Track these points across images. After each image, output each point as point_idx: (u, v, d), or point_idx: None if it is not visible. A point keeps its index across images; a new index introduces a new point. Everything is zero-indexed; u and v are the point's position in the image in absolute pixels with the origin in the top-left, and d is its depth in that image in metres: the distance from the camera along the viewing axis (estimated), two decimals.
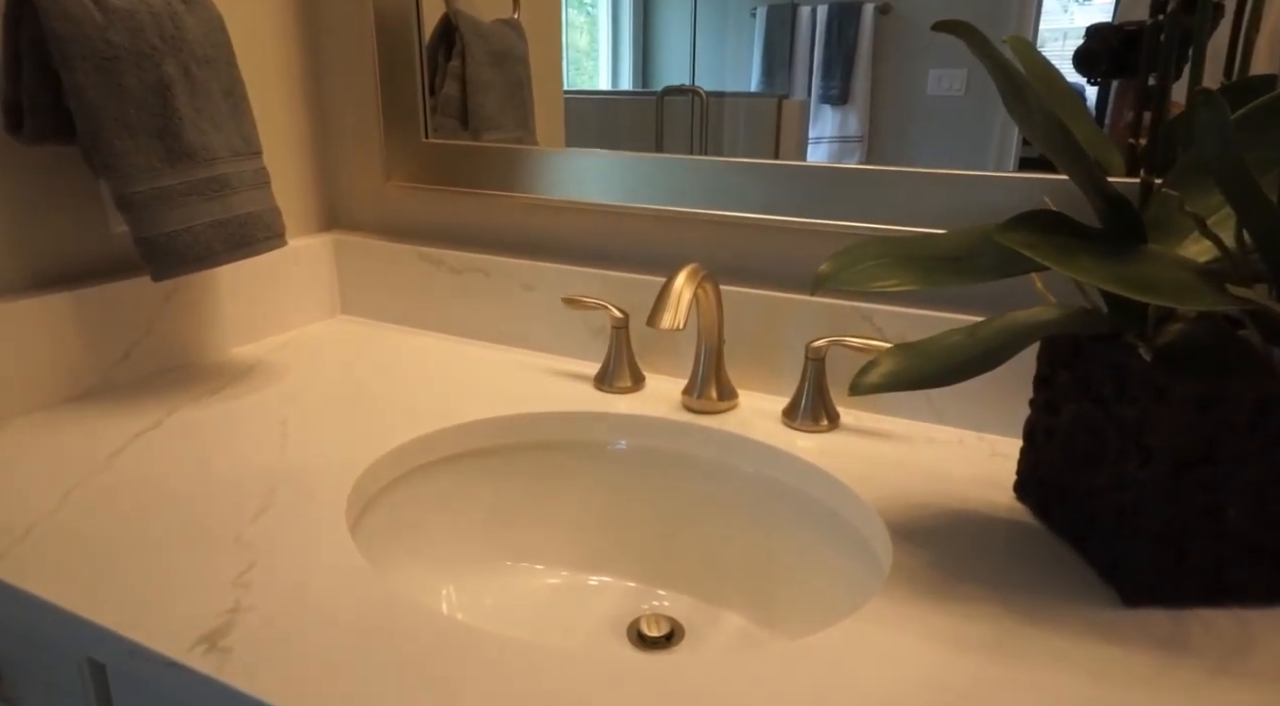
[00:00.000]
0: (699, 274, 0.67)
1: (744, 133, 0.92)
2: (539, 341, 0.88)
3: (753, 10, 0.89)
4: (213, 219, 0.72)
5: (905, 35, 0.80)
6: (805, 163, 0.75)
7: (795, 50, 0.88)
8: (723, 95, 0.97)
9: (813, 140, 0.90)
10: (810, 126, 0.89)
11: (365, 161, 0.96)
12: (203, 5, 0.73)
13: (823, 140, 0.90)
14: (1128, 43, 0.64)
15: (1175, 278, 0.44)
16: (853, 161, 0.88)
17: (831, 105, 0.88)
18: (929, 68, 0.79)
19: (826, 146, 0.90)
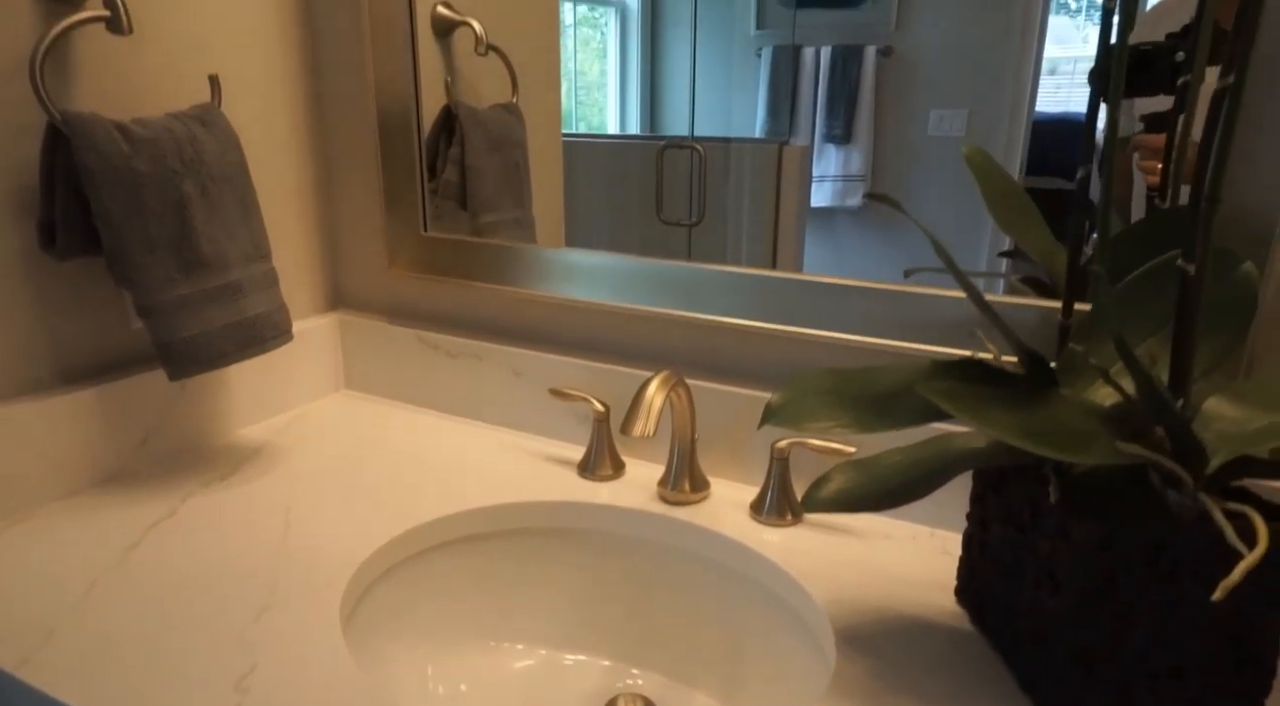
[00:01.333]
0: (671, 381, 0.72)
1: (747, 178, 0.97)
2: (527, 424, 0.94)
3: (758, 50, 0.94)
4: (225, 322, 0.78)
5: (907, 77, 0.84)
6: (778, 274, 0.80)
7: (799, 90, 0.92)
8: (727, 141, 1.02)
9: (817, 179, 0.95)
10: (814, 165, 0.94)
11: (369, 249, 1.03)
12: (220, 126, 0.79)
13: (826, 179, 0.94)
14: (1141, 62, 0.65)
15: (1078, 428, 0.49)
16: (855, 201, 0.92)
17: (835, 145, 0.92)
18: (930, 108, 0.83)
19: (830, 185, 0.94)
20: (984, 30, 0.78)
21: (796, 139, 0.94)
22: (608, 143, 1.07)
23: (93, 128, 0.70)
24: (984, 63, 0.78)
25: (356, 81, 0.98)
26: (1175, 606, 0.48)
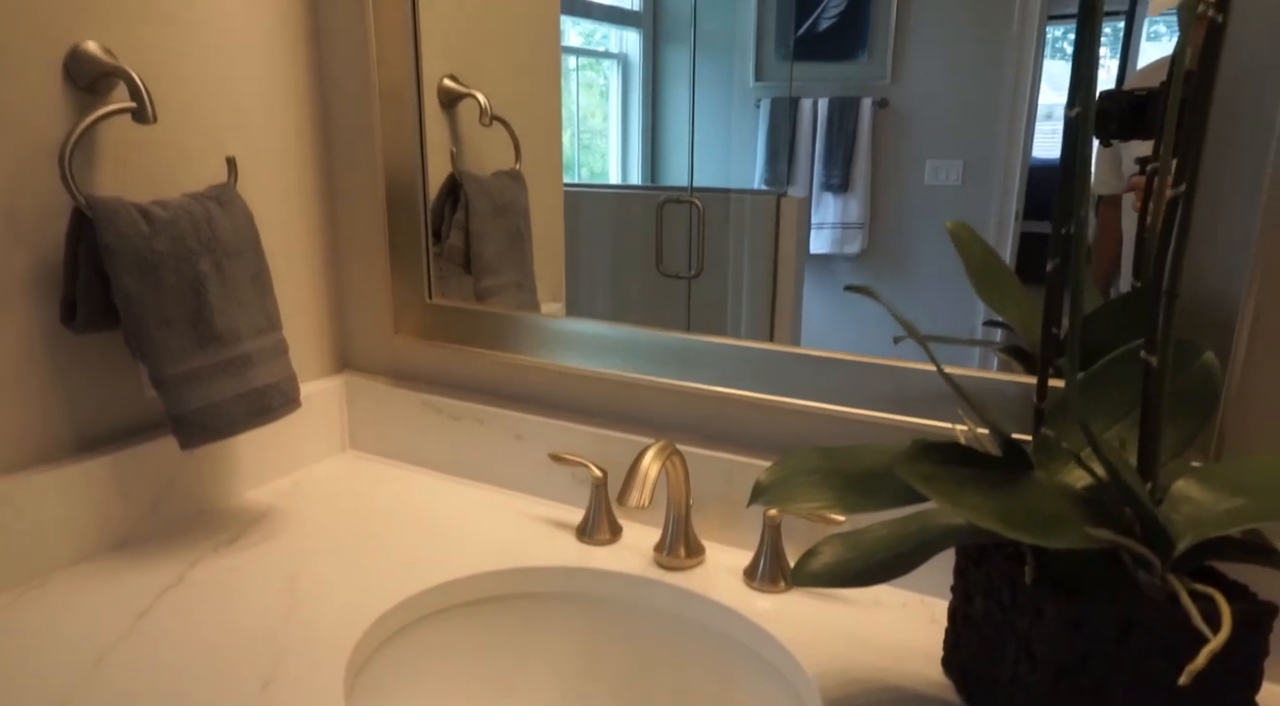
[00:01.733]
0: (666, 451, 0.75)
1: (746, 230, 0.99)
2: (528, 486, 0.96)
3: (757, 102, 0.97)
4: (236, 393, 0.81)
5: (903, 128, 0.86)
6: (773, 347, 0.82)
7: (798, 139, 0.95)
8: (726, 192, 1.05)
9: (815, 226, 0.97)
10: (813, 213, 0.97)
11: (376, 315, 1.06)
12: (235, 205, 0.83)
13: (825, 226, 0.97)
14: (1137, 107, 0.68)
15: (1050, 511, 0.52)
16: (854, 248, 0.94)
17: (833, 193, 0.95)
18: (926, 159, 0.85)
19: (829, 232, 0.97)
20: (977, 82, 0.81)
21: (795, 187, 0.97)
22: (609, 193, 1.11)
23: (116, 211, 0.74)
24: (978, 114, 0.80)
25: (365, 152, 1.02)
26: (1147, 685, 0.50)
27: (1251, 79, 0.59)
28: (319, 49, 1.00)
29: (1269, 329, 0.61)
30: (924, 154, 0.85)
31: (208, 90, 0.88)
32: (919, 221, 0.86)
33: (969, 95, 0.82)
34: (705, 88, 1.01)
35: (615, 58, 1.08)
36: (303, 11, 0.98)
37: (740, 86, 0.98)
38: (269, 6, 0.93)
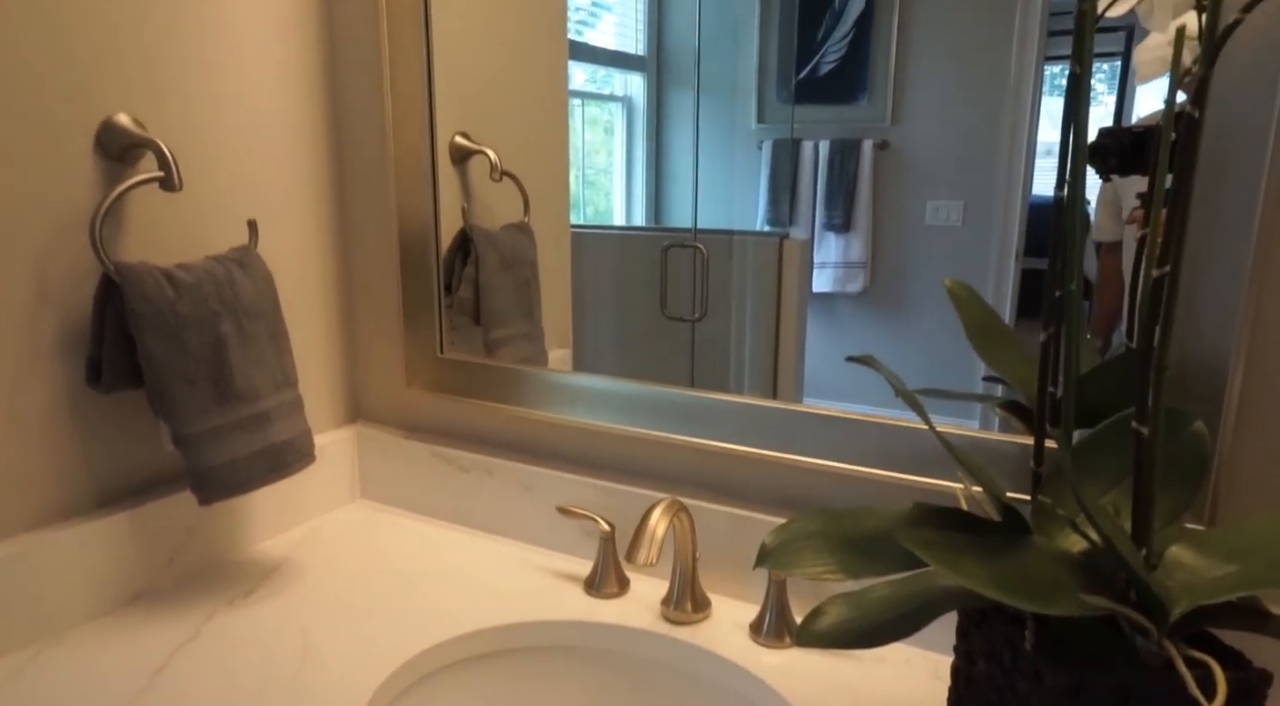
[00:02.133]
0: (673, 508, 0.77)
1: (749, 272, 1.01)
2: (536, 537, 0.98)
3: (759, 143, 0.99)
4: (253, 450, 0.83)
5: (903, 169, 0.88)
6: (775, 404, 0.84)
7: (799, 180, 0.97)
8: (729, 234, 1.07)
9: (818, 265, 0.99)
10: (815, 252, 0.98)
11: (389, 368, 1.08)
12: (255, 266, 0.86)
13: (827, 265, 0.98)
14: (1137, 143, 0.69)
15: (1048, 577, 0.53)
16: (856, 287, 0.96)
17: (835, 233, 0.96)
18: (927, 199, 0.87)
19: (831, 271, 0.98)
20: (976, 123, 0.82)
21: (797, 226, 0.99)
22: (613, 235, 1.13)
23: (142, 276, 0.76)
24: (977, 154, 0.82)
25: (380, 210, 1.05)
26: None
27: (1233, 162, 0.61)
28: (337, 113, 1.04)
29: (1257, 396, 0.63)
30: (924, 195, 0.87)
31: (231, 156, 0.91)
32: (920, 261, 0.88)
33: (968, 136, 0.84)
34: (708, 129, 1.03)
35: (620, 100, 1.11)
36: (323, 78, 1.01)
37: (742, 128, 1.00)
38: (292, 76, 0.97)
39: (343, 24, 1.01)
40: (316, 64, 1.00)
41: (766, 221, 1.01)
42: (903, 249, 0.89)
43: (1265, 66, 0.59)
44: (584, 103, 1.09)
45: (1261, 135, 0.60)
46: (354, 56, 1.02)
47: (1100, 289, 0.79)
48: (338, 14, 1.01)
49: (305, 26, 0.98)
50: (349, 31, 1.01)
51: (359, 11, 1.00)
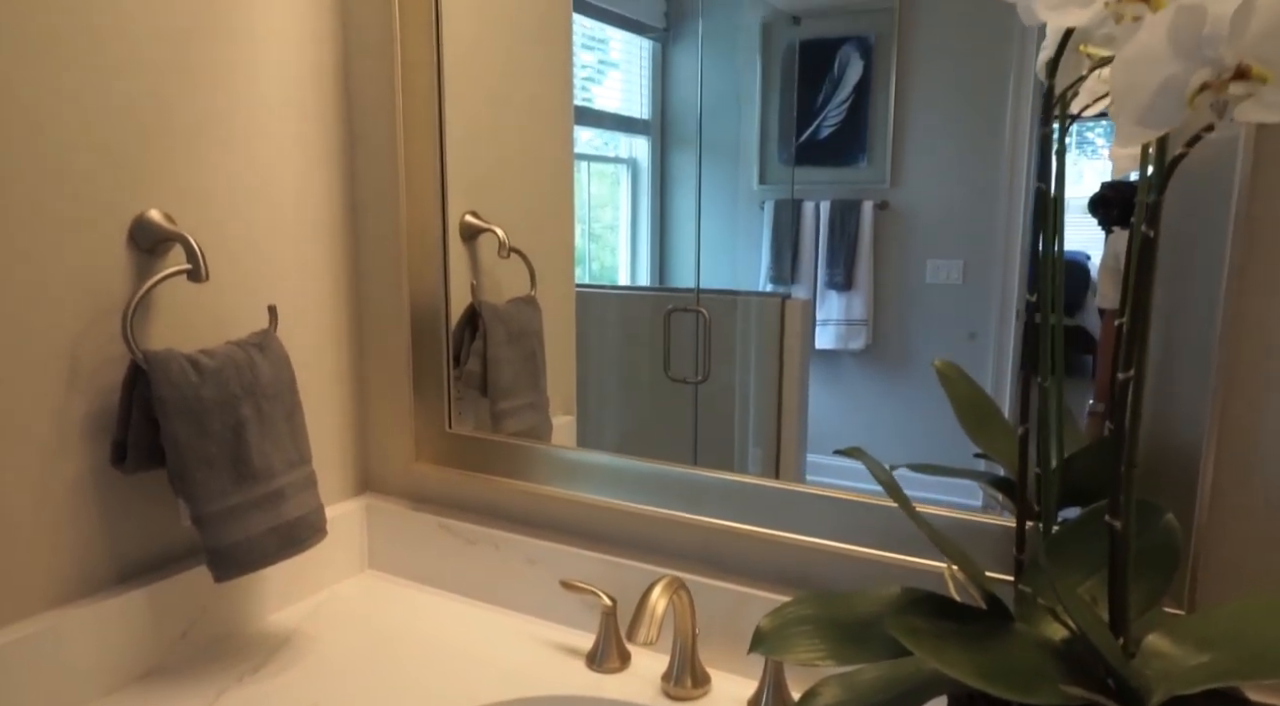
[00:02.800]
0: (673, 586, 0.79)
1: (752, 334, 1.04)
2: (540, 610, 1.00)
3: (761, 203, 1.03)
4: (268, 526, 0.86)
5: (903, 228, 0.90)
6: (776, 484, 0.87)
7: (801, 239, 0.99)
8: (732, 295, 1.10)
9: (820, 323, 1.01)
10: (817, 310, 1.01)
11: (398, 443, 1.12)
12: (274, 350, 0.90)
13: (830, 323, 1.01)
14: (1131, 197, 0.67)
15: (1029, 666, 0.56)
16: (858, 344, 0.98)
17: (837, 291, 0.99)
18: (927, 259, 0.89)
19: (833, 329, 1.01)
20: (974, 183, 0.85)
21: (799, 284, 1.01)
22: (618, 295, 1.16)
23: (168, 363, 0.81)
24: (976, 214, 0.84)
25: (393, 288, 1.10)
26: None
27: (1198, 268, 0.65)
28: (354, 199, 1.10)
29: (1227, 486, 0.66)
30: (924, 254, 0.90)
31: (253, 245, 0.96)
32: (921, 319, 0.90)
33: (966, 196, 0.87)
34: (711, 190, 1.07)
35: (625, 162, 1.16)
36: (341, 167, 1.07)
37: (745, 189, 1.03)
38: (313, 168, 1.03)
39: (360, 116, 1.08)
40: (336, 154, 1.06)
41: (769, 279, 1.03)
42: (904, 307, 0.92)
43: (1220, 181, 0.64)
44: (590, 163, 1.14)
45: (1219, 251, 0.64)
46: (371, 147, 1.08)
47: (1103, 353, 0.81)
48: (356, 107, 1.07)
49: (325, 119, 1.04)
50: (366, 123, 1.07)
51: (376, 103, 1.06)
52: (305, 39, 1.00)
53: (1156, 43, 0.38)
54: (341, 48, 1.05)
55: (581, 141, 1.13)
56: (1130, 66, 0.39)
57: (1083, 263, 0.83)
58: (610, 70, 1.11)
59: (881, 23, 0.90)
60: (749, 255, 1.05)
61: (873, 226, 0.94)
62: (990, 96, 0.83)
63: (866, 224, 0.95)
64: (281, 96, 0.98)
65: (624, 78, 1.12)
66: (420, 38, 1.02)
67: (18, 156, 0.75)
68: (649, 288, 1.15)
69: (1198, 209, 0.65)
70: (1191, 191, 0.65)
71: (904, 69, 0.89)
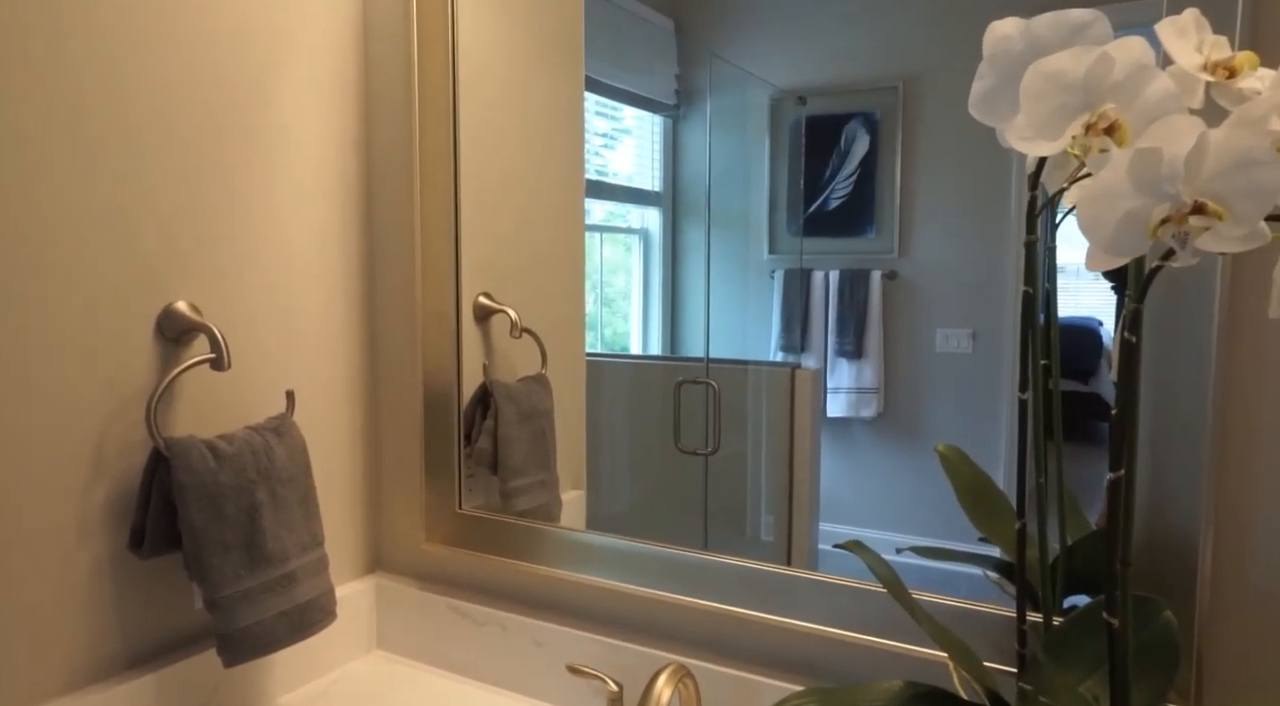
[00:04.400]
0: (679, 674, 0.79)
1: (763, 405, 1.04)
2: (546, 694, 1.00)
3: (771, 273, 1.04)
4: (279, 611, 0.87)
5: (912, 298, 0.92)
6: (784, 570, 0.87)
7: (810, 308, 1.01)
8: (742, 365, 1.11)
9: (831, 391, 1.01)
10: (828, 378, 1.01)
11: (409, 524, 1.13)
12: (291, 435, 0.93)
13: (840, 391, 1.01)
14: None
15: None
16: (869, 412, 0.98)
17: (847, 359, 0.99)
18: (936, 328, 0.90)
19: (845, 397, 1.01)
20: (982, 252, 0.86)
21: (810, 353, 1.02)
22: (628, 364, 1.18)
23: (189, 450, 0.83)
24: (984, 283, 0.86)
25: (407, 370, 1.12)
26: None
27: (1182, 370, 0.67)
28: (372, 286, 1.14)
29: (1227, 581, 0.67)
30: (934, 323, 0.91)
31: (274, 334, 1.00)
32: (932, 387, 0.91)
33: (974, 266, 0.88)
34: (721, 260, 1.09)
35: (637, 233, 1.19)
36: (360, 259, 1.12)
37: (755, 259, 1.06)
38: (334, 259, 1.07)
39: (380, 211, 1.12)
40: (356, 246, 1.11)
41: (780, 348, 1.05)
42: (915, 375, 0.93)
43: (1203, 282, 0.66)
44: (603, 234, 1.18)
45: (1204, 352, 0.66)
46: (389, 238, 1.12)
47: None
48: (376, 202, 1.12)
49: (347, 214, 1.09)
50: (386, 217, 1.12)
51: (396, 199, 1.11)
52: (330, 139, 1.06)
53: (1119, 180, 0.41)
54: (364, 147, 1.11)
55: (595, 213, 1.17)
56: (1096, 201, 0.42)
57: (1094, 328, 0.84)
58: (623, 141, 1.15)
59: (886, 100, 0.93)
60: (759, 324, 1.07)
61: (882, 295, 0.96)
62: (995, 168, 0.85)
63: (875, 293, 0.97)
64: (308, 193, 1.03)
65: (637, 150, 1.16)
66: (439, 132, 1.07)
67: (53, 248, 0.79)
68: (659, 357, 1.17)
69: (1183, 308, 0.68)
70: (1178, 291, 0.68)
71: (909, 143, 0.92)
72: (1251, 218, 0.39)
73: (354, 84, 1.09)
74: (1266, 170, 0.39)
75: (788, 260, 1.03)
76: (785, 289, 1.04)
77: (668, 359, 1.16)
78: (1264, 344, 0.66)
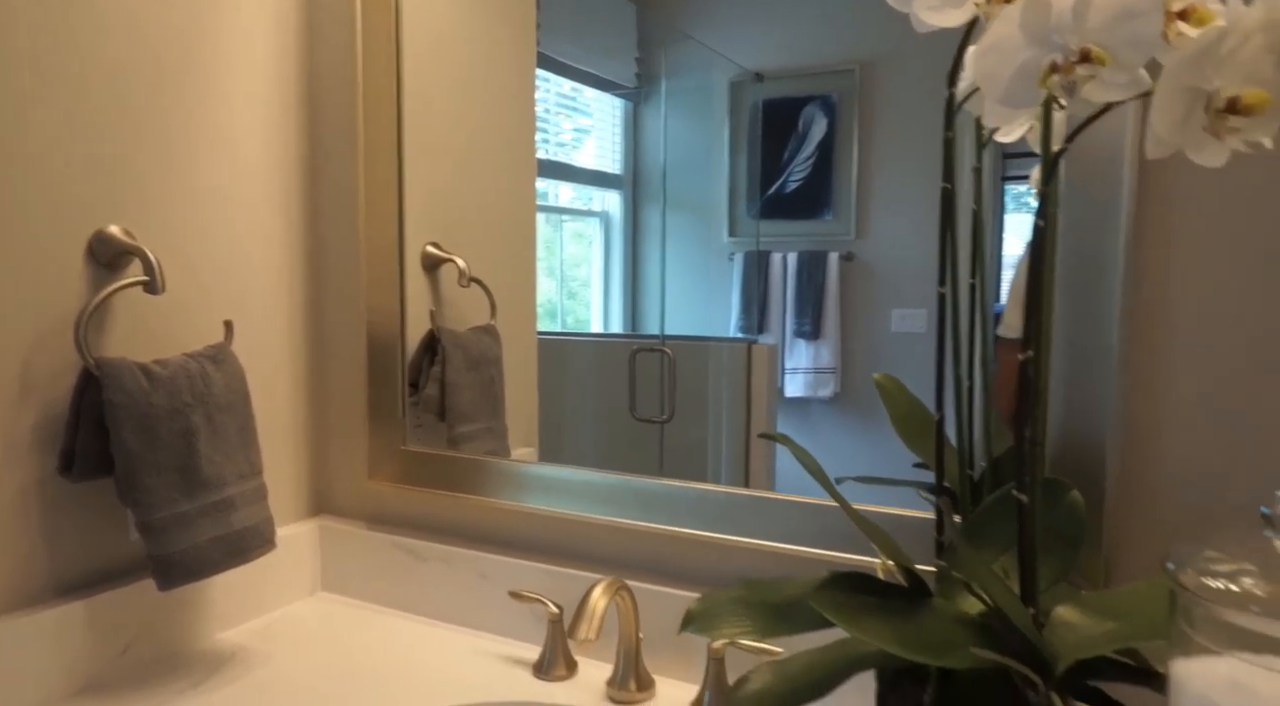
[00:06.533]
0: (615, 586, 0.80)
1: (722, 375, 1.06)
2: (491, 625, 1.00)
3: (730, 255, 1.06)
4: (215, 535, 0.86)
5: (868, 279, 0.93)
6: (719, 488, 0.89)
7: (769, 290, 1.02)
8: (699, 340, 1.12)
9: (789, 371, 1.03)
10: (786, 359, 1.03)
11: (352, 462, 1.13)
12: (229, 363, 0.92)
13: (798, 371, 1.03)
14: None
15: (944, 635, 0.58)
16: (827, 392, 1.00)
17: (805, 340, 1.01)
18: (892, 308, 0.92)
19: (802, 377, 1.03)
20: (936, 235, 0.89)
21: (768, 334, 1.05)
22: (584, 341, 1.19)
23: (120, 370, 0.82)
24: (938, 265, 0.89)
25: (351, 311, 1.12)
26: None
27: (1103, 268, 0.71)
28: (315, 222, 1.13)
29: (1134, 471, 0.70)
30: (890, 303, 0.93)
31: (212, 261, 0.99)
32: (888, 366, 0.92)
33: (929, 248, 0.90)
34: (682, 243, 1.11)
35: (598, 215, 1.20)
36: (302, 190, 1.11)
37: (715, 242, 1.08)
38: (274, 190, 1.06)
39: (323, 142, 1.12)
40: (297, 182, 1.10)
41: (739, 329, 1.07)
42: (871, 355, 0.95)
43: (1109, 179, 0.69)
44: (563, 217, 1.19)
45: (1113, 258, 0.69)
46: (333, 174, 1.12)
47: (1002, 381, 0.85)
48: (319, 132, 1.12)
49: (289, 146, 1.08)
50: (328, 150, 1.11)
51: (338, 129, 1.10)
52: (271, 65, 1.05)
53: (1011, 33, 0.43)
54: (307, 75, 1.10)
55: (559, 197, 1.18)
56: (990, 53, 0.44)
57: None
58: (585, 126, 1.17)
59: (844, 83, 0.96)
60: (720, 306, 1.09)
61: (839, 277, 0.98)
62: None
63: (833, 275, 0.99)
64: (248, 124, 1.02)
65: (598, 134, 1.18)
66: (383, 70, 1.07)
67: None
68: (617, 334, 1.19)
69: (1095, 227, 0.71)
70: (1089, 214, 0.71)
71: (866, 127, 0.94)
72: (1132, 65, 0.42)
73: (296, 14, 1.08)
74: (1146, 20, 0.41)
75: (747, 243, 1.05)
76: (745, 271, 1.06)
77: (626, 336, 1.17)
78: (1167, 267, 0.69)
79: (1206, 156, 0.42)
